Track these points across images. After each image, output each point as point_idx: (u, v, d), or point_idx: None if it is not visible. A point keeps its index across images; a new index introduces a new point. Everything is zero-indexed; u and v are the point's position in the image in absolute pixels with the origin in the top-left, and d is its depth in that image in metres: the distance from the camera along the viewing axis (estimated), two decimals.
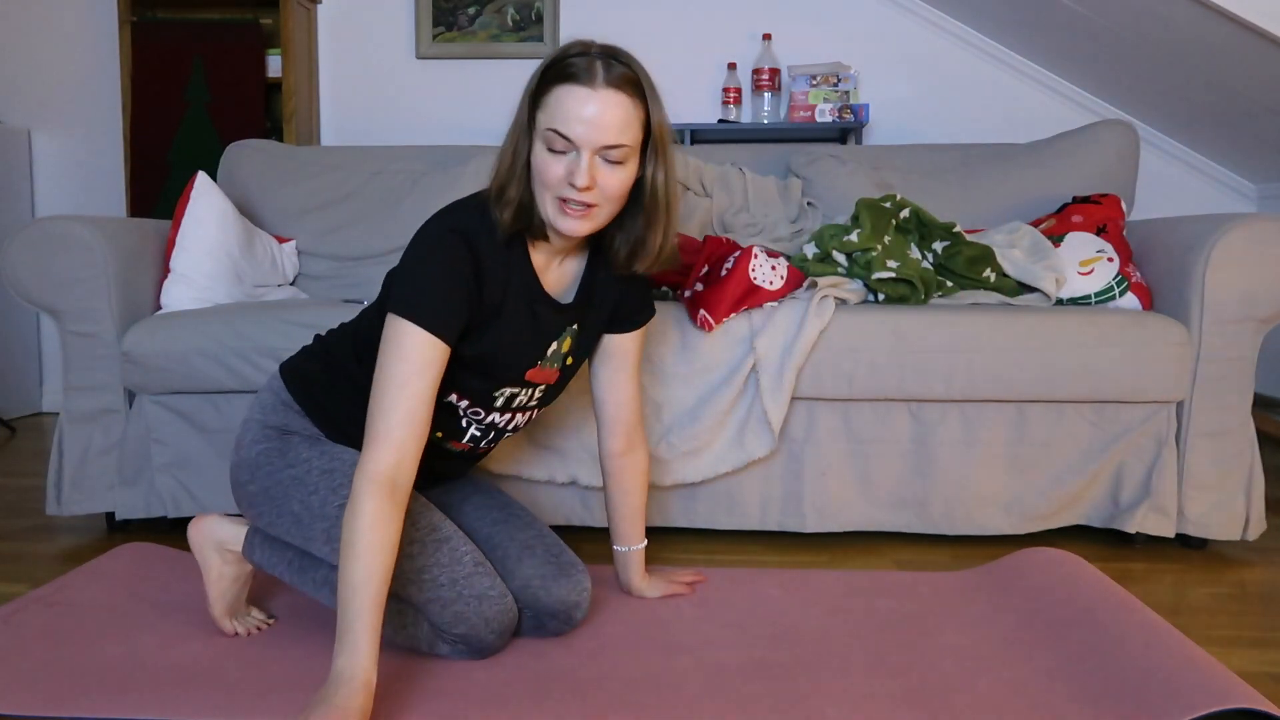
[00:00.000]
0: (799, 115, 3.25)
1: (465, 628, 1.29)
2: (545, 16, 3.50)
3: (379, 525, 1.15)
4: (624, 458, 1.54)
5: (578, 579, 1.42)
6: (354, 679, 1.09)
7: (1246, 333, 1.85)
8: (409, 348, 1.22)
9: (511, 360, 1.35)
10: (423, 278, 1.23)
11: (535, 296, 1.34)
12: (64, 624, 1.46)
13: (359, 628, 1.11)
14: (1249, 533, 1.88)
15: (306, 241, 2.51)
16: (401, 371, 1.21)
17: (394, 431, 1.19)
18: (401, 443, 1.19)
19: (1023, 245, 2.09)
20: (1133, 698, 1.20)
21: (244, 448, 1.41)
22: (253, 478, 1.38)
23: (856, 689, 1.26)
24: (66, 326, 1.97)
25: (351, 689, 1.08)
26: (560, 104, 1.21)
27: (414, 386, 1.21)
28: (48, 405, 3.67)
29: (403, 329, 1.22)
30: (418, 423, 1.21)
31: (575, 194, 1.22)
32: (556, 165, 1.22)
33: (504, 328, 1.32)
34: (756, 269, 1.88)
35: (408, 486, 1.20)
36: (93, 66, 3.58)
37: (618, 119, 1.21)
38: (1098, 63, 3.18)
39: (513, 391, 1.39)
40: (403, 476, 1.19)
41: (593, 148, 1.21)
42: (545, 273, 1.36)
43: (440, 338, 1.23)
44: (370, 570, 1.13)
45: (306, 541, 1.33)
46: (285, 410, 1.40)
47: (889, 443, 1.92)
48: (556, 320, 1.37)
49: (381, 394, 1.21)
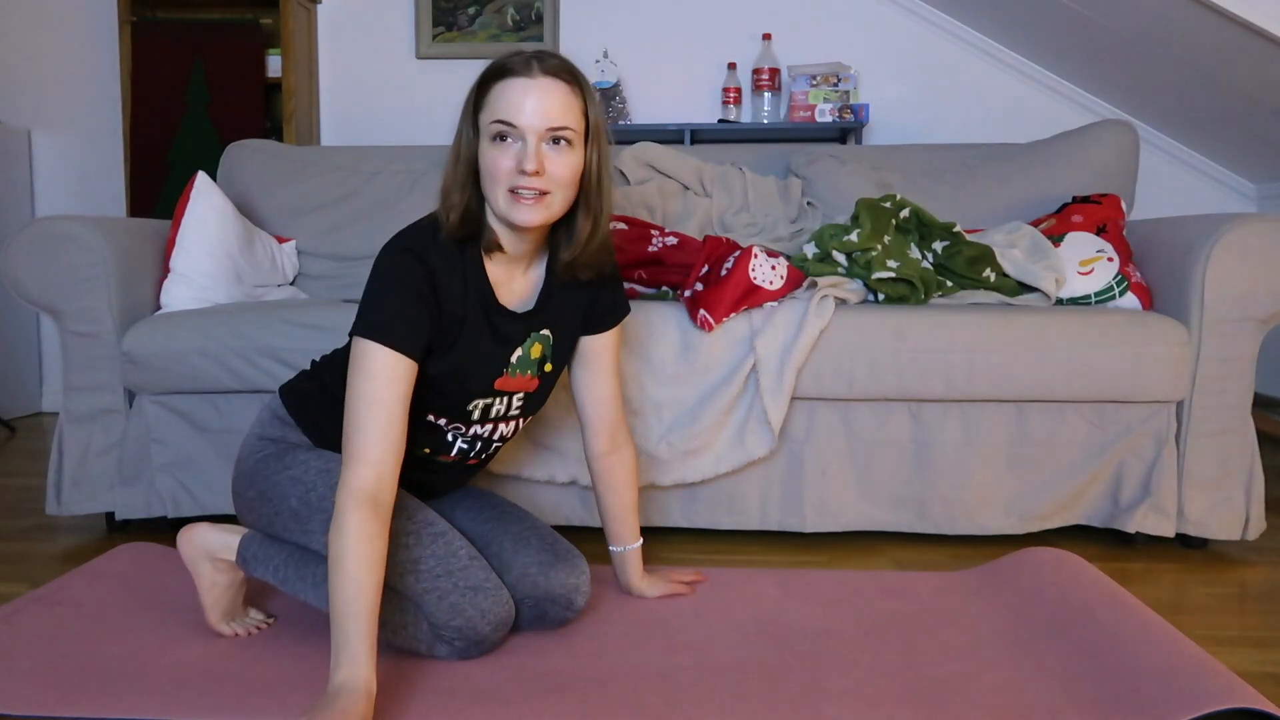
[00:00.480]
0: (799, 115, 3.25)
1: (461, 620, 1.29)
2: (545, 16, 3.50)
3: (365, 540, 1.16)
4: (609, 458, 1.55)
5: (575, 563, 1.44)
6: (355, 689, 1.10)
7: (1246, 333, 1.85)
8: (376, 368, 1.23)
9: (474, 371, 1.35)
10: (382, 297, 1.26)
11: (491, 308, 1.35)
12: (64, 624, 1.46)
13: (355, 639, 1.12)
14: (1249, 533, 1.88)
15: (306, 241, 2.51)
16: (370, 390, 1.23)
17: (370, 449, 1.21)
18: (380, 459, 1.21)
19: (1023, 245, 2.09)
20: (1133, 698, 1.20)
21: (243, 461, 1.44)
22: (251, 484, 1.41)
23: (856, 689, 1.26)
24: (66, 326, 1.97)
25: (353, 697, 1.09)
26: (502, 96, 1.25)
27: (384, 403, 1.23)
28: (48, 405, 3.67)
29: (367, 350, 1.24)
30: (393, 438, 1.23)
31: (526, 180, 1.24)
32: (505, 157, 1.25)
33: (464, 340, 1.33)
34: (756, 269, 1.88)
35: (389, 501, 1.22)
36: (93, 66, 3.58)
37: (559, 102, 1.25)
38: (1098, 63, 3.18)
39: (486, 402, 1.40)
40: (384, 492, 1.21)
41: (538, 132, 1.24)
42: (503, 284, 1.37)
43: (404, 354, 1.25)
44: (361, 585, 1.14)
45: (306, 534, 1.35)
46: (281, 425, 1.44)
47: (889, 443, 1.92)
48: (516, 329, 1.38)
49: (353, 414, 1.23)
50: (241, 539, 1.40)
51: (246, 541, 1.40)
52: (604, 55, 3.40)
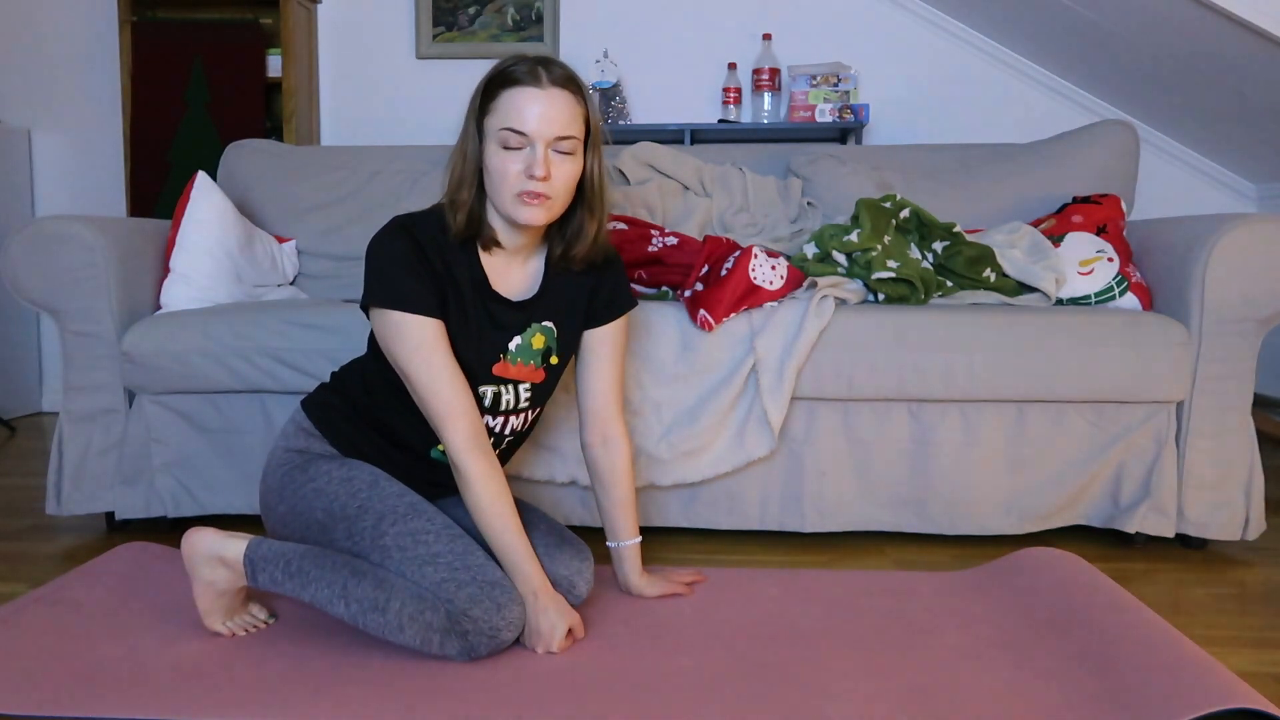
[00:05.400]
0: (799, 115, 3.25)
1: (479, 610, 1.29)
2: (545, 16, 3.50)
3: (488, 478, 1.35)
4: (598, 449, 1.57)
5: (580, 549, 1.50)
6: (538, 594, 1.35)
7: (1246, 333, 1.85)
8: (415, 338, 1.34)
9: (471, 356, 1.40)
10: (387, 271, 1.34)
11: (486, 295, 1.41)
12: (64, 624, 1.46)
13: (518, 560, 1.35)
14: (1249, 533, 1.88)
15: (306, 241, 2.51)
16: (421, 360, 1.34)
17: (453, 405, 1.35)
18: (465, 409, 1.35)
19: (1023, 245, 2.09)
20: (1132, 698, 1.20)
21: (269, 475, 1.48)
22: (280, 499, 1.46)
23: (856, 689, 1.26)
24: (66, 326, 1.97)
25: (541, 602, 1.35)
26: (511, 103, 1.31)
27: (439, 364, 1.34)
28: (48, 405, 3.67)
29: (394, 320, 1.34)
30: (460, 387, 1.36)
31: (534, 185, 1.31)
32: (513, 162, 1.31)
33: (454, 313, 1.39)
34: (756, 269, 1.88)
35: (486, 439, 1.38)
36: (93, 66, 3.58)
37: (565, 113, 1.32)
38: (1098, 63, 3.18)
39: (495, 390, 1.45)
40: (480, 433, 1.37)
41: (546, 140, 1.31)
42: (500, 274, 1.44)
43: (431, 316, 1.34)
44: (502, 517, 1.35)
45: (330, 543, 1.40)
46: (305, 436, 1.49)
47: (889, 443, 1.92)
48: (513, 318, 1.44)
49: (418, 384, 1.35)
50: (248, 545, 1.39)
51: (253, 547, 1.38)
52: (604, 55, 3.40)
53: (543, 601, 1.35)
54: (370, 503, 1.38)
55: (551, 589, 1.38)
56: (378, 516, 1.36)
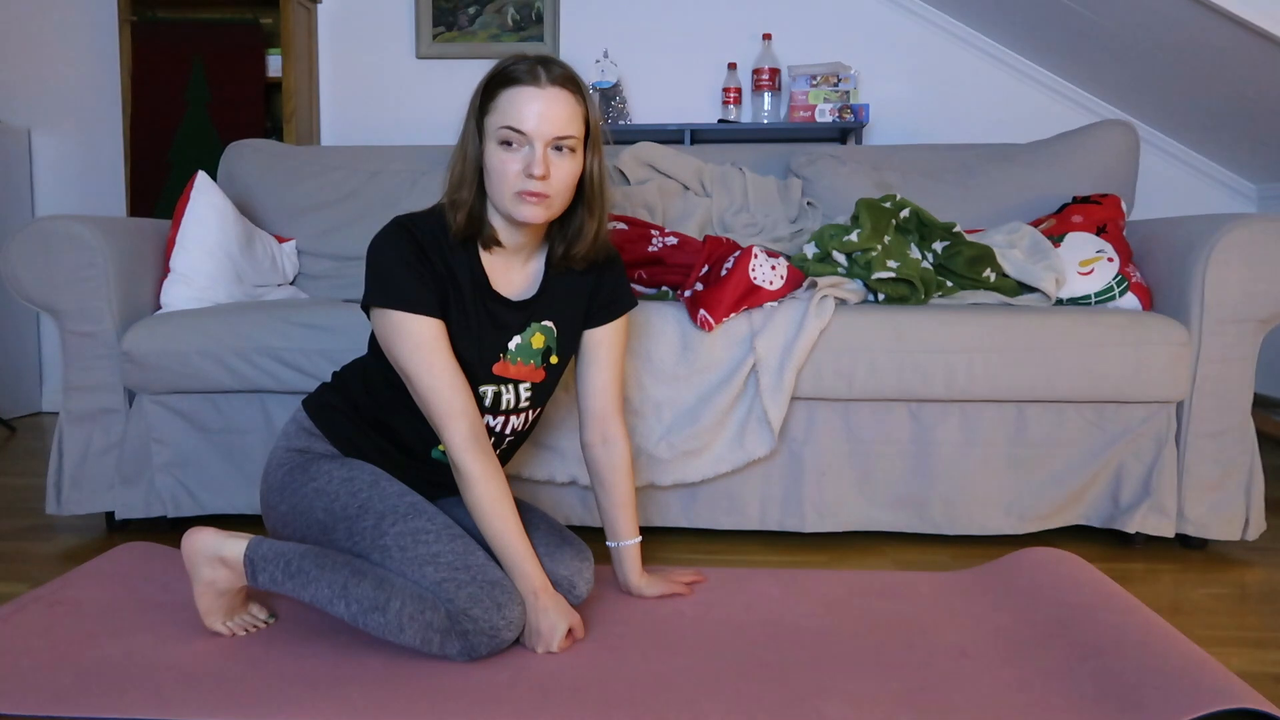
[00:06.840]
0: (799, 115, 3.25)
1: (480, 610, 1.29)
2: (545, 16, 3.50)
3: (489, 478, 1.35)
4: (597, 449, 1.57)
5: (580, 549, 1.50)
6: (538, 594, 1.35)
7: (1246, 333, 1.85)
8: (416, 337, 1.34)
9: (471, 355, 1.40)
10: (388, 270, 1.35)
11: (486, 294, 1.42)
12: (64, 624, 1.46)
13: (518, 560, 1.35)
14: (1249, 533, 1.88)
15: (306, 241, 2.51)
16: (421, 359, 1.34)
17: (453, 405, 1.35)
18: (464, 408, 1.36)
19: (1023, 245, 2.09)
20: (1132, 698, 1.20)
21: (270, 474, 1.49)
22: (281, 498, 1.46)
23: (856, 689, 1.26)
24: (66, 326, 1.97)
25: (541, 602, 1.35)
26: (511, 103, 1.31)
27: (439, 364, 1.35)
28: (48, 405, 3.67)
29: (395, 320, 1.34)
30: (461, 387, 1.36)
31: (533, 185, 1.31)
32: (513, 161, 1.32)
33: (454, 311, 1.39)
34: (756, 269, 1.88)
35: (486, 439, 1.38)
36: (93, 66, 3.58)
37: (565, 112, 1.32)
38: (1098, 63, 3.18)
39: (495, 390, 1.45)
40: (480, 433, 1.37)
41: (545, 139, 1.31)
42: (500, 273, 1.44)
43: (432, 316, 1.35)
44: (503, 518, 1.35)
45: (331, 543, 1.40)
46: (307, 436, 1.49)
47: (889, 443, 1.92)
48: (514, 317, 1.44)
49: (418, 384, 1.35)
50: (248, 544, 1.39)
51: (253, 547, 1.38)
52: (604, 55, 3.40)
53: (543, 601, 1.35)
54: (371, 502, 1.38)
55: (552, 589, 1.38)
56: (378, 516, 1.37)
